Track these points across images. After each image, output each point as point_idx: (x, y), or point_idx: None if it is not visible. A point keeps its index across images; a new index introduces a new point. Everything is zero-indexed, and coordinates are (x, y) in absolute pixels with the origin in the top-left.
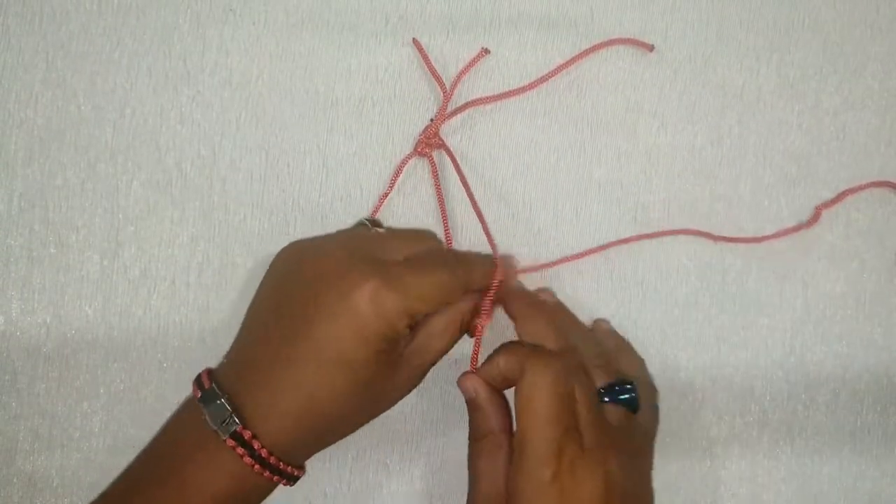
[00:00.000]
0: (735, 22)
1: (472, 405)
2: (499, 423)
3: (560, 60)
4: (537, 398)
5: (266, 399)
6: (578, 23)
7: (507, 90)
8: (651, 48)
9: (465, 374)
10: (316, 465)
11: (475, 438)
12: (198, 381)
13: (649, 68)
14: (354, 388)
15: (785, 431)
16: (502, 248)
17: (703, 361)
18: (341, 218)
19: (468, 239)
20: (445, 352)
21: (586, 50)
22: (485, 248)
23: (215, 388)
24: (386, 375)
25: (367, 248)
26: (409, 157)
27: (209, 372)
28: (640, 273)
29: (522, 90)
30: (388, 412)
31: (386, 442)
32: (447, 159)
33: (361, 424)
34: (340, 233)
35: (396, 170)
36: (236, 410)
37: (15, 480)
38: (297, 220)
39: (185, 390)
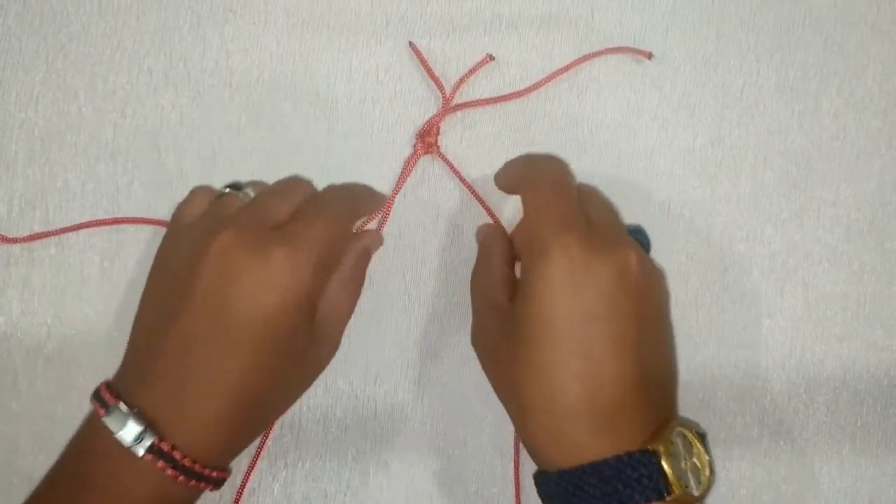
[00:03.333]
0: (735, 22)
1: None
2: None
3: (561, 61)
4: (541, 192)
5: (181, 401)
6: (579, 23)
7: (506, 93)
8: (649, 55)
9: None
10: (316, 464)
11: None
12: (97, 397)
13: (649, 69)
14: (281, 364)
15: (785, 431)
16: None
17: (703, 361)
18: None
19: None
20: (357, 297)
21: (583, 57)
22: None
23: (120, 402)
24: (308, 341)
25: (256, 217)
26: (411, 157)
27: (107, 384)
28: None
29: (520, 94)
30: (388, 412)
31: (386, 442)
32: (453, 156)
33: (286, 409)
34: (212, 211)
35: (402, 171)
36: (150, 421)
37: (15, 480)
38: None
39: None
